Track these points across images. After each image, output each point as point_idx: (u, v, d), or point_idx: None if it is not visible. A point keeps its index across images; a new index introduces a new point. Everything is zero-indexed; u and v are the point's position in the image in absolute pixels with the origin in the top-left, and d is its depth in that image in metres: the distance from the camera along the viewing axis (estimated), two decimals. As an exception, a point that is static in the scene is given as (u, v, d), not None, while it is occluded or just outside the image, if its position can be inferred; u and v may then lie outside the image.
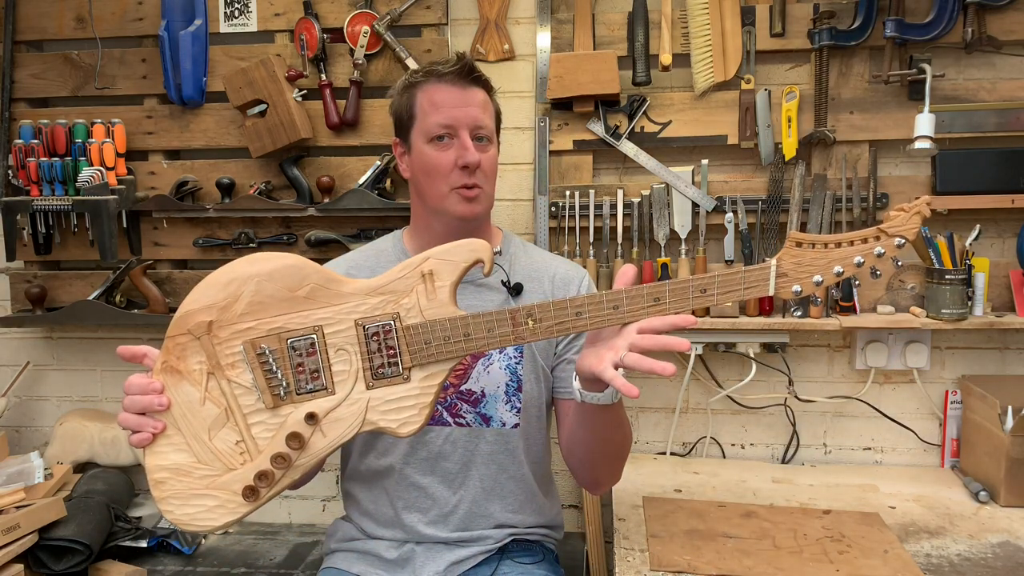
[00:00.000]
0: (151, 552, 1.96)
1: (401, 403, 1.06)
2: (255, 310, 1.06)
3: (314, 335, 1.06)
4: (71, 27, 2.07)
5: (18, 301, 2.12)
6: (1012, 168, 1.80)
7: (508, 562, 1.35)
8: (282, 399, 1.06)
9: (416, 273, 1.06)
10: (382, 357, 1.06)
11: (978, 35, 1.78)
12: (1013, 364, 1.95)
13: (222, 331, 1.07)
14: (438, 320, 1.05)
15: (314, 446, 1.06)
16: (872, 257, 1.01)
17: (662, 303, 1.04)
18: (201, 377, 1.07)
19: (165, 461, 1.06)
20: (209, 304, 1.07)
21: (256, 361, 1.06)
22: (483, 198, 1.31)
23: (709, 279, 1.03)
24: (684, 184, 1.91)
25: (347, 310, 1.06)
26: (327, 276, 1.07)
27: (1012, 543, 1.52)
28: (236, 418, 1.06)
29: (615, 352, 1.03)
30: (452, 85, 1.28)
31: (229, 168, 2.05)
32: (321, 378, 1.06)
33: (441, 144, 1.28)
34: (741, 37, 1.87)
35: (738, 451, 2.05)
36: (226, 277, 1.08)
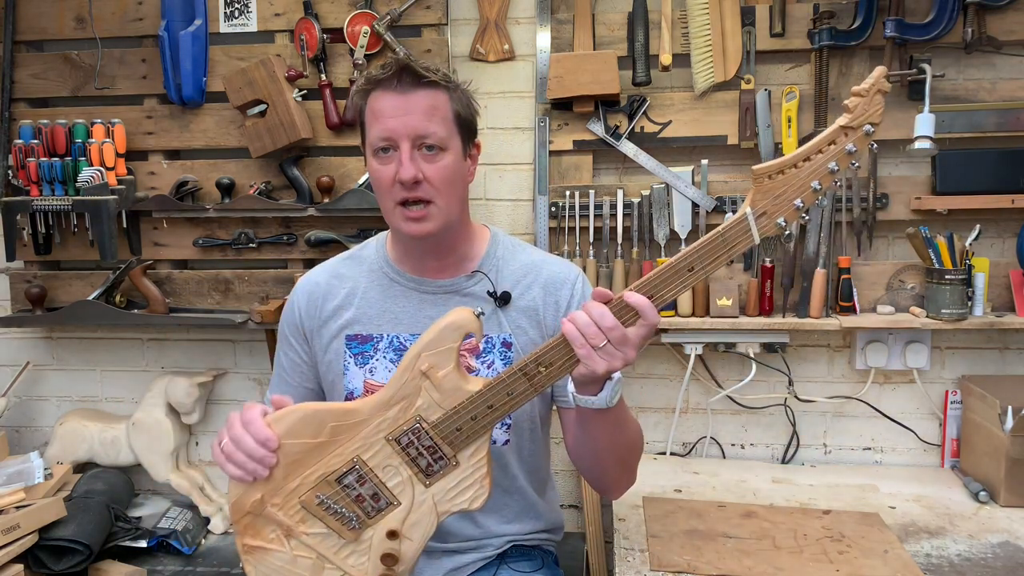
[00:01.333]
0: (151, 552, 1.96)
1: (461, 485, 1.11)
2: (294, 470, 1.11)
3: (357, 466, 1.11)
4: (71, 27, 2.07)
5: (18, 301, 2.12)
6: (1012, 168, 1.80)
7: (507, 569, 1.34)
8: (358, 529, 1.12)
9: (416, 374, 1.07)
10: (426, 458, 1.10)
11: (978, 35, 1.78)
12: (1013, 364, 1.95)
13: (276, 498, 1.12)
14: (458, 406, 1.07)
15: (407, 554, 1.12)
16: (844, 156, 0.94)
17: (655, 299, 1.02)
18: (281, 541, 1.13)
19: None
20: (249, 486, 1.12)
21: (320, 510, 1.12)
22: (434, 214, 1.19)
23: (691, 254, 0.99)
24: (684, 184, 1.91)
25: (372, 431, 1.10)
26: (340, 411, 1.11)
27: (1012, 543, 1.52)
28: (330, 559, 1.13)
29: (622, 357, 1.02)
30: (392, 92, 1.16)
31: (229, 168, 2.05)
32: (382, 497, 1.11)
33: (384, 157, 1.18)
34: (741, 37, 1.87)
35: (738, 451, 2.05)
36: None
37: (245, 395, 2.20)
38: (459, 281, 1.29)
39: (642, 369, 2.05)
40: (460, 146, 1.22)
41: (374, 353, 1.29)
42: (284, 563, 1.13)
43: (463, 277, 1.29)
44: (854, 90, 0.93)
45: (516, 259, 1.33)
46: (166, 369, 2.21)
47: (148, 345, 2.22)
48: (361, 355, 1.29)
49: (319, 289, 1.33)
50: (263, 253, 2.06)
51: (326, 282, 1.34)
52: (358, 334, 1.30)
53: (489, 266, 1.30)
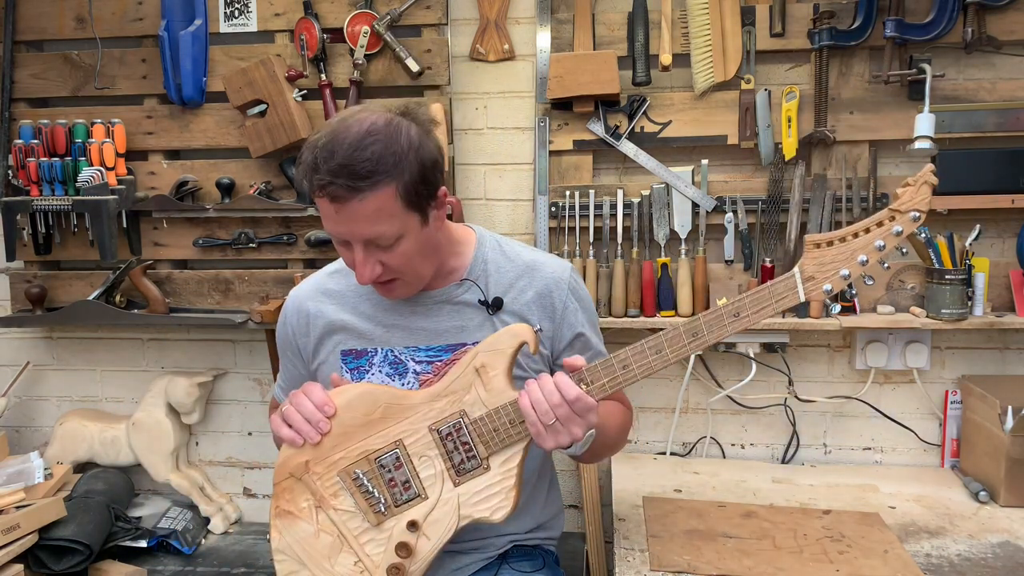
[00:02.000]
0: (151, 552, 1.96)
1: (488, 492, 1.14)
2: (341, 442, 1.17)
3: (397, 449, 1.16)
4: (71, 27, 2.07)
5: (18, 301, 2.12)
6: (1012, 168, 1.80)
7: (508, 569, 1.34)
8: (384, 515, 1.16)
9: (470, 370, 1.14)
10: (460, 454, 1.15)
11: (978, 35, 1.78)
12: (1013, 364, 1.95)
13: (318, 466, 1.17)
14: (500, 407, 1.12)
15: (421, 551, 1.15)
16: (891, 237, 1.04)
17: (700, 336, 1.08)
18: (311, 513, 1.18)
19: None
20: (300, 447, 1.18)
21: (353, 486, 1.16)
22: (405, 285, 1.20)
23: (739, 303, 1.07)
24: (684, 184, 1.91)
25: (419, 419, 1.15)
26: (394, 394, 1.17)
27: (1012, 543, 1.52)
28: (350, 541, 1.17)
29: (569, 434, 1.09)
30: (330, 202, 1.08)
31: (229, 168, 2.05)
32: (412, 487, 1.16)
33: (343, 245, 1.16)
34: (741, 37, 1.87)
35: (738, 451, 2.05)
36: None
37: (245, 395, 2.20)
38: (449, 290, 1.28)
39: (642, 369, 2.05)
40: (418, 222, 1.14)
41: (369, 367, 1.29)
42: (308, 535, 1.17)
43: (453, 286, 1.28)
44: (905, 181, 1.04)
45: (507, 259, 1.30)
46: (166, 369, 2.21)
47: (148, 345, 2.22)
48: (357, 370, 1.29)
49: (308, 307, 1.32)
50: (263, 253, 2.06)
51: (315, 299, 1.32)
52: (352, 349, 1.29)
53: (478, 272, 1.28)
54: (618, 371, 1.11)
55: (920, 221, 1.02)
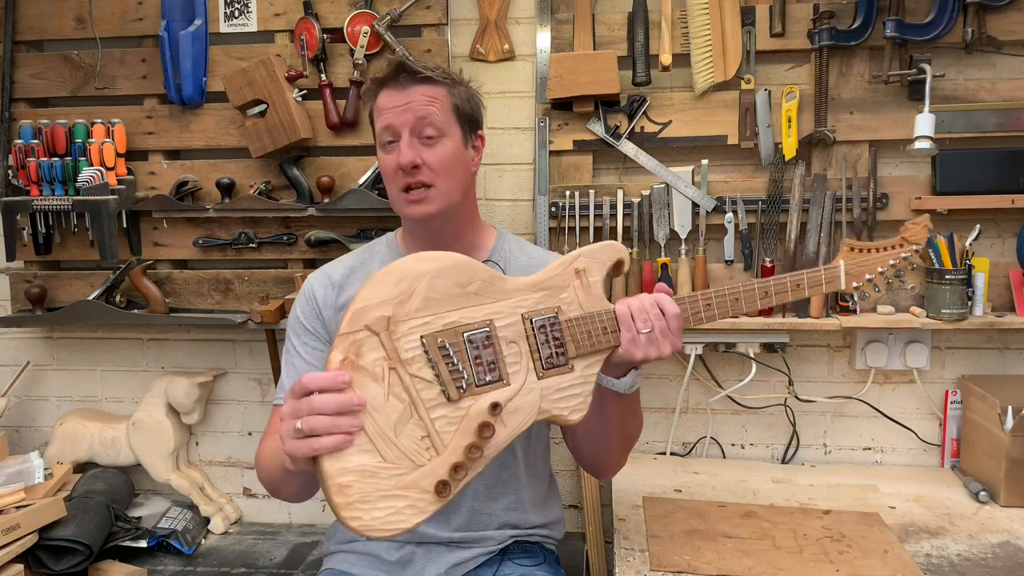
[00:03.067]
0: (151, 552, 1.96)
1: (569, 391, 1.12)
2: (429, 305, 1.08)
3: (488, 328, 1.10)
4: (71, 27, 2.07)
5: (18, 301, 2.12)
6: (1012, 168, 1.80)
7: (509, 564, 1.35)
8: (464, 391, 1.07)
9: (571, 270, 1.14)
10: (549, 348, 1.12)
11: (978, 35, 1.78)
12: (1013, 364, 1.95)
13: (399, 326, 1.06)
14: (596, 312, 1.13)
15: (498, 436, 1.07)
16: (900, 260, 1.25)
17: (769, 296, 1.21)
18: (383, 373, 1.04)
19: (349, 463, 1.00)
20: (385, 299, 1.06)
21: (439, 354, 1.07)
22: (434, 197, 1.26)
23: (799, 277, 1.21)
24: (684, 184, 1.91)
25: (513, 305, 1.12)
26: (492, 273, 1.12)
27: (1012, 543, 1.52)
28: (421, 412, 1.05)
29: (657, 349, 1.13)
30: (392, 90, 1.27)
31: (229, 168, 2.05)
32: (498, 370, 1.09)
33: (389, 148, 1.27)
34: (741, 37, 1.87)
35: (738, 451, 2.05)
36: (398, 275, 1.07)
37: (245, 395, 2.20)
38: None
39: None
40: (460, 135, 1.29)
41: None
42: (374, 396, 1.03)
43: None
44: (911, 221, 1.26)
45: (525, 253, 1.40)
46: (166, 369, 2.21)
47: (148, 345, 2.22)
48: None
49: (333, 281, 1.36)
50: (263, 253, 2.06)
51: (340, 275, 1.37)
52: None
53: (499, 257, 1.37)
54: (702, 307, 1.18)
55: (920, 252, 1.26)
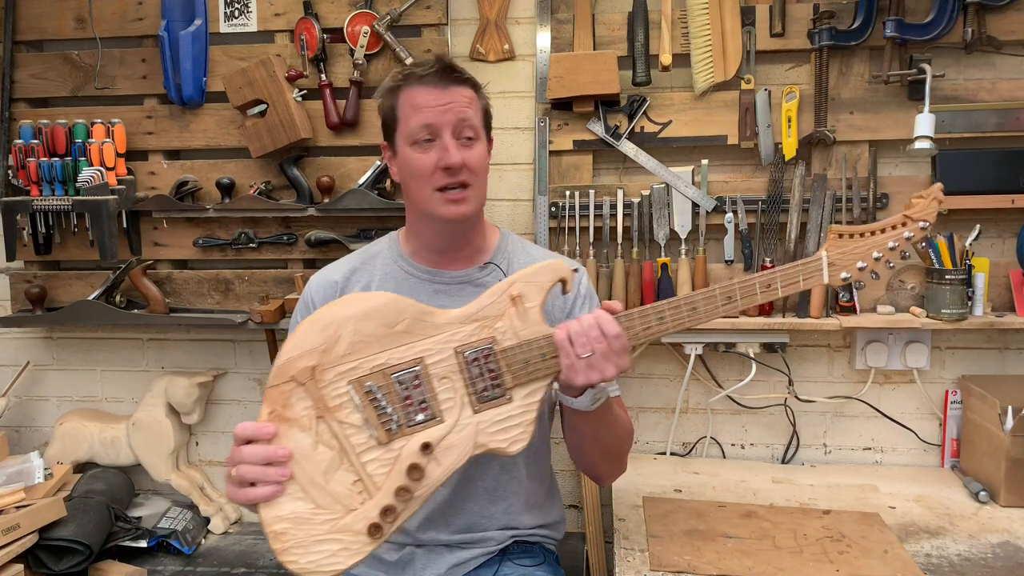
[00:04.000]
0: (151, 552, 1.96)
1: (507, 423, 1.09)
2: (356, 349, 1.08)
3: (418, 367, 1.08)
4: (71, 27, 2.07)
5: (18, 301, 2.12)
6: (1012, 168, 1.80)
7: (509, 564, 1.35)
8: (394, 433, 1.07)
9: (505, 297, 1.10)
10: (484, 381, 1.10)
11: (978, 35, 1.78)
12: (1013, 364, 1.95)
13: (326, 374, 1.07)
14: (533, 339, 1.10)
15: (431, 475, 1.07)
16: (902, 240, 1.14)
17: (734, 301, 1.13)
18: (310, 422, 1.06)
19: (283, 511, 1.04)
20: (310, 349, 1.07)
21: (365, 399, 1.07)
22: (471, 198, 1.27)
23: (771, 276, 1.13)
24: (684, 184, 1.91)
25: (445, 339, 1.10)
26: (421, 309, 1.11)
27: (1012, 543, 1.52)
28: (351, 458, 1.06)
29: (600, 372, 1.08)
30: (432, 87, 1.25)
31: (229, 168, 2.05)
32: (430, 408, 1.08)
33: (424, 146, 1.25)
34: (741, 37, 1.87)
35: (738, 451, 2.05)
36: (322, 322, 1.08)
37: (245, 395, 2.20)
38: (472, 272, 1.33)
39: (642, 369, 2.05)
40: (485, 139, 1.31)
41: None
42: (303, 446, 1.06)
43: (476, 268, 1.34)
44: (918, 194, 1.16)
45: (527, 253, 1.40)
46: (166, 369, 2.21)
47: (148, 345, 2.22)
48: None
49: (334, 283, 1.36)
50: (263, 253, 2.06)
51: (342, 276, 1.37)
52: None
53: (501, 259, 1.36)
54: (653, 321, 1.12)
55: (927, 231, 1.14)
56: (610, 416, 1.22)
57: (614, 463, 1.34)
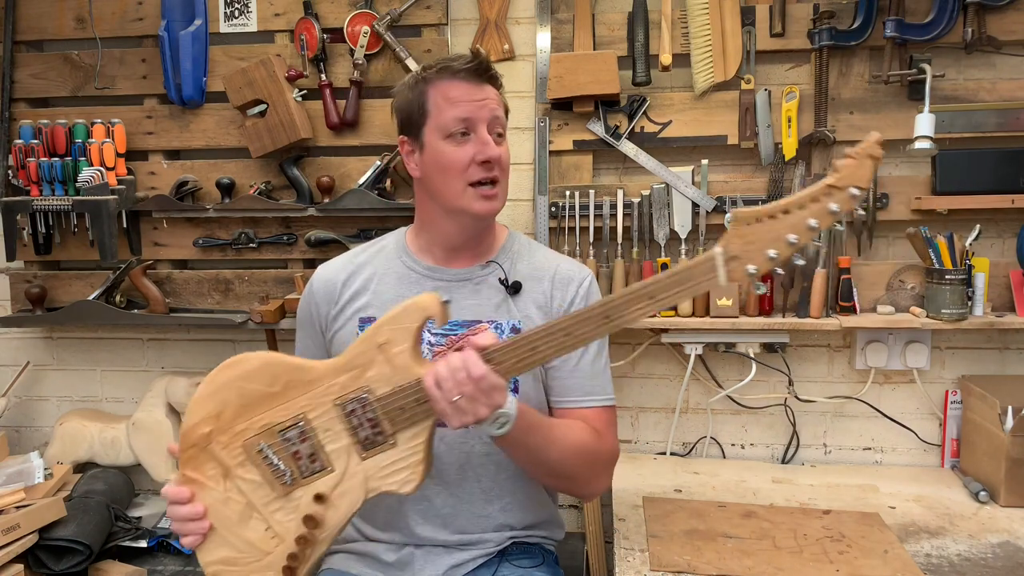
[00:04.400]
0: (151, 552, 1.96)
1: (395, 466, 1.11)
2: (243, 412, 1.14)
3: (301, 423, 1.12)
4: (71, 27, 2.07)
5: (18, 301, 2.12)
6: (1012, 168, 1.80)
7: (507, 565, 1.35)
8: (290, 486, 1.13)
9: (372, 345, 1.09)
10: (366, 430, 1.11)
11: (978, 35, 1.78)
12: (1013, 364, 1.95)
13: (222, 436, 1.14)
14: (407, 385, 1.08)
15: (330, 521, 1.12)
16: (826, 216, 0.92)
17: (612, 319, 1.01)
18: (218, 481, 1.15)
19: (213, 556, 1.15)
20: (204, 417, 1.14)
21: (258, 458, 1.13)
22: (501, 195, 1.29)
23: (656, 284, 0.99)
24: (684, 184, 1.91)
25: (322, 393, 1.12)
26: (295, 366, 1.13)
27: (1012, 543, 1.52)
28: (258, 509, 1.14)
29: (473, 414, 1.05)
30: (467, 82, 1.25)
31: (229, 168, 2.05)
32: (319, 459, 1.12)
33: (459, 140, 1.24)
34: (741, 37, 1.87)
35: (738, 451, 2.05)
36: (211, 388, 1.15)
37: (245, 395, 2.19)
38: (473, 270, 1.33)
39: (642, 369, 2.05)
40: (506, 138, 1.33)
41: None
42: (216, 501, 1.14)
43: (478, 266, 1.34)
44: (846, 151, 0.92)
45: (531, 254, 1.39)
46: (166, 369, 2.21)
47: (148, 345, 2.22)
48: None
49: (337, 277, 1.37)
50: (263, 253, 2.06)
51: (345, 270, 1.38)
52: (371, 317, 1.33)
53: (504, 257, 1.36)
54: (525, 352, 1.04)
55: (859, 199, 0.92)
56: (535, 439, 1.17)
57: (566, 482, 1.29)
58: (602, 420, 1.31)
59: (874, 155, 0.91)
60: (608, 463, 1.31)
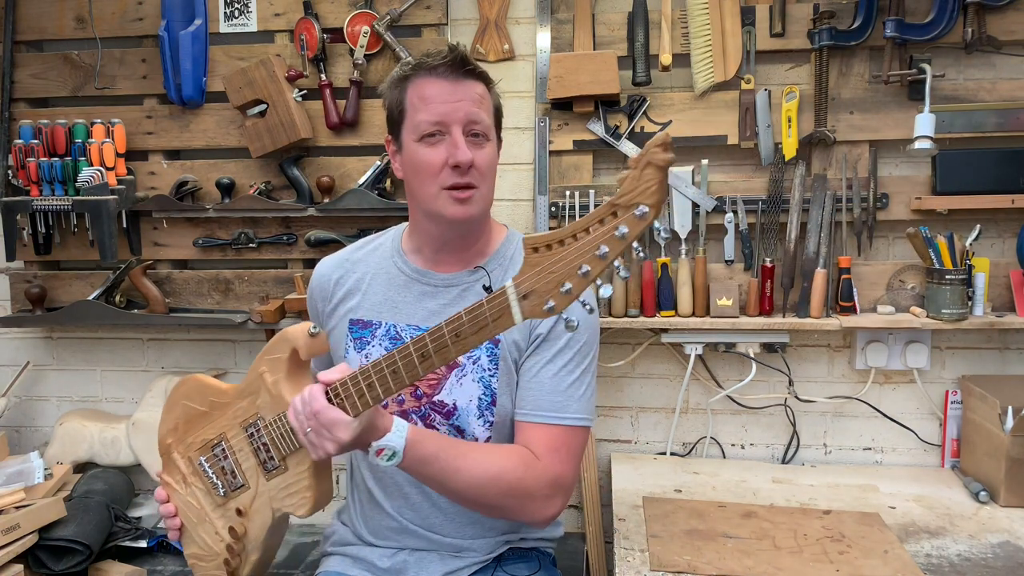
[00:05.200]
0: (151, 552, 1.95)
1: (289, 489, 1.17)
2: (190, 428, 1.26)
3: (222, 442, 1.23)
4: (71, 27, 2.07)
5: (18, 301, 2.12)
6: (1012, 168, 1.80)
7: (502, 573, 1.34)
8: (223, 497, 1.24)
9: (257, 375, 1.16)
10: (263, 453, 1.18)
11: (978, 35, 1.78)
12: (1013, 364, 1.95)
13: (179, 447, 1.28)
14: (283, 414, 1.13)
15: (252, 532, 1.22)
16: (615, 241, 0.80)
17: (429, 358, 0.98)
18: (182, 485, 1.29)
19: (188, 550, 1.31)
20: (167, 428, 1.30)
21: (199, 470, 1.26)
22: (477, 199, 1.21)
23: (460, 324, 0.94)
24: (684, 184, 1.91)
25: (233, 415, 1.21)
26: (215, 389, 1.24)
27: (1012, 543, 1.52)
28: (207, 514, 1.26)
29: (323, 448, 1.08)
30: (443, 79, 1.18)
31: (229, 168, 2.05)
32: (238, 476, 1.22)
33: (431, 141, 1.18)
34: (741, 37, 1.87)
35: (738, 451, 2.05)
36: (169, 403, 1.29)
37: (245, 395, 2.19)
38: (461, 276, 1.30)
39: (642, 369, 2.05)
40: (495, 139, 1.26)
41: (372, 339, 1.31)
42: (183, 503, 1.28)
43: (466, 272, 1.30)
44: (629, 160, 0.82)
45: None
46: (166, 369, 2.21)
47: (148, 345, 2.22)
48: (360, 340, 1.32)
49: (332, 275, 1.38)
50: (263, 253, 2.06)
51: (339, 268, 1.38)
52: (360, 319, 1.32)
53: (495, 263, 1.30)
54: (364, 388, 1.03)
55: (648, 219, 0.76)
56: (433, 469, 1.13)
57: (493, 512, 1.22)
58: (546, 442, 1.20)
59: (655, 162, 0.75)
60: (540, 492, 1.18)
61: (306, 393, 1.07)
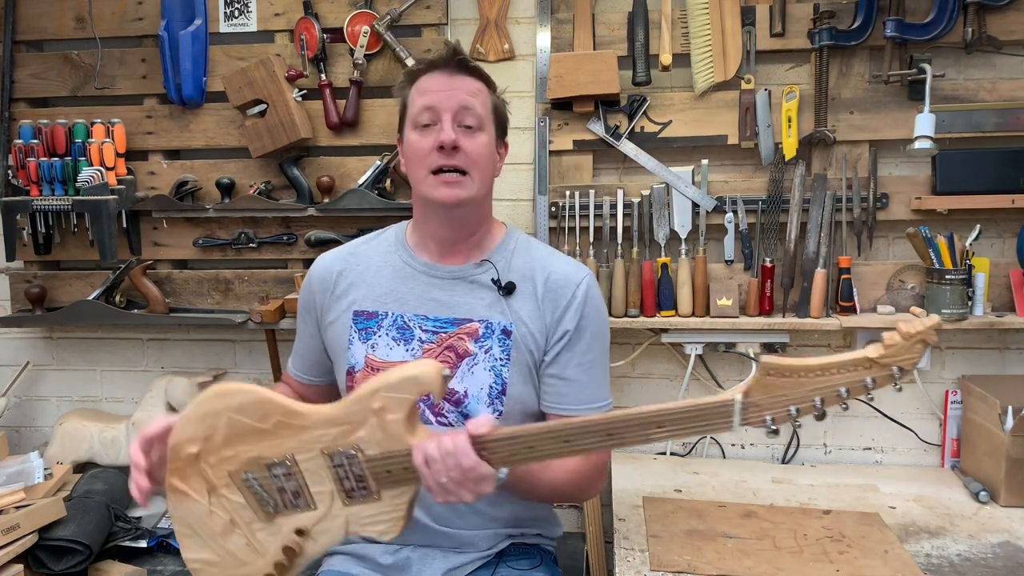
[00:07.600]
0: (151, 552, 1.95)
1: (377, 518, 1.13)
2: (232, 441, 1.15)
3: (288, 463, 1.14)
4: (71, 27, 2.07)
5: (18, 301, 2.12)
6: (1012, 168, 1.80)
7: (505, 567, 1.34)
8: (273, 514, 1.16)
9: (367, 407, 1.08)
10: (351, 482, 1.12)
11: (978, 35, 1.78)
12: (1013, 364, 1.95)
13: (210, 458, 1.16)
14: (395, 452, 1.08)
15: (308, 551, 1.17)
16: (860, 388, 0.89)
17: (615, 438, 0.99)
18: (203, 495, 1.17)
19: (194, 555, 1.20)
20: (191, 437, 1.15)
21: (243, 486, 1.16)
22: (467, 184, 1.24)
23: (665, 415, 0.95)
24: (684, 184, 1.91)
25: (312, 440, 1.12)
26: (288, 410, 1.13)
27: (1012, 543, 1.52)
28: (240, 527, 1.17)
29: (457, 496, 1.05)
30: (441, 72, 1.26)
31: (229, 168, 2.05)
32: (303, 497, 1.14)
33: (424, 130, 1.25)
34: (741, 37, 1.87)
35: (738, 451, 2.05)
36: (201, 411, 1.15)
37: (245, 395, 2.19)
38: (467, 268, 1.32)
39: (642, 369, 2.05)
40: (494, 134, 1.31)
41: (377, 330, 1.32)
42: (200, 514, 1.18)
43: (472, 265, 1.32)
44: (899, 327, 0.86)
45: (529, 253, 1.35)
46: (166, 369, 2.21)
47: (148, 345, 2.22)
48: (365, 331, 1.32)
49: (334, 267, 1.38)
50: (263, 253, 2.06)
51: (342, 261, 1.38)
52: (364, 310, 1.33)
53: (499, 257, 1.33)
54: (521, 449, 1.03)
55: (900, 379, 0.86)
56: (524, 486, 1.20)
57: (560, 501, 1.37)
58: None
59: (928, 340, 0.86)
60: (599, 474, 1.31)
61: (449, 444, 1.03)
